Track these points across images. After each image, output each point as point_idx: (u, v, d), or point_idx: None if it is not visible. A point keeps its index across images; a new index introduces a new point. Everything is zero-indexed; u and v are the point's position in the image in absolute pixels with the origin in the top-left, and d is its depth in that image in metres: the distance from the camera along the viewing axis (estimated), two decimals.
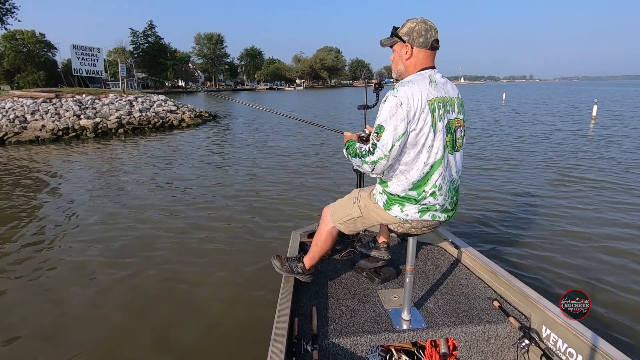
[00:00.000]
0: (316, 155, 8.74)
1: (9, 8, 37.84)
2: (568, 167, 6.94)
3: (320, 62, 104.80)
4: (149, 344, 2.42)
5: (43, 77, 46.59)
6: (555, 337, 1.56)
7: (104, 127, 13.08)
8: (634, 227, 4.08)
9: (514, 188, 5.73)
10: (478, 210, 4.75)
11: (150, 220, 4.61)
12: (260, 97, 49.17)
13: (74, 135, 12.24)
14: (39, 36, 49.66)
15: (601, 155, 7.83)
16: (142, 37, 68.38)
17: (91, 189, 6.15)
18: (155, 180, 6.70)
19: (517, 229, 4.12)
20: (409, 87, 1.35)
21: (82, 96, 15.58)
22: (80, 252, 3.78)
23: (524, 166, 7.16)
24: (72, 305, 2.88)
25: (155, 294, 3.00)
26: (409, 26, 1.42)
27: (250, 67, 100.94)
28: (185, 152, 9.51)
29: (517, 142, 9.83)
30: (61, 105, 13.89)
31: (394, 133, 1.35)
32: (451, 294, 1.95)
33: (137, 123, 14.11)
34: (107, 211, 4.97)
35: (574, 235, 3.92)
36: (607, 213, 4.53)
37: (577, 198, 5.12)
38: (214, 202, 5.32)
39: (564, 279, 3.08)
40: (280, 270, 1.95)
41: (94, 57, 27.72)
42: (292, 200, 5.38)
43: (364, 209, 1.64)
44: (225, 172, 7.38)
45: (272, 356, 1.36)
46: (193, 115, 16.90)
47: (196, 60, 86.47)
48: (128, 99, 16.48)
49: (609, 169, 6.70)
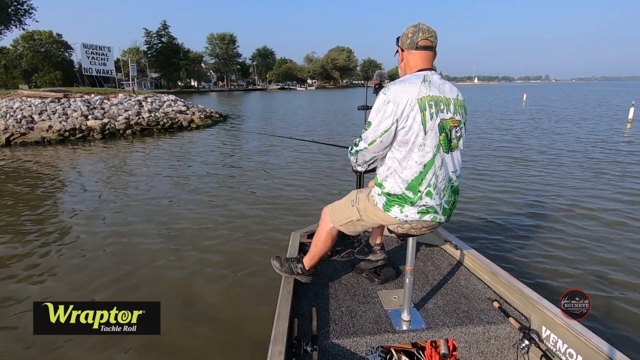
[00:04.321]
0: (323, 160, 8.32)
1: (27, 9, 38.30)
2: (585, 169, 6.64)
3: (332, 62, 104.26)
4: (149, 343, 2.41)
5: (60, 76, 47.27)
6: (555, 338, 1.55)
7: (111, 128, 12.79)
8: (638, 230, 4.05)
9: (514, 189, 5.75)
10: (478, 211, 4.75)
11: (146, 222, 4.57)
12: (271, 97, 49.12)
13: (80, 137, 11.97)
14: (56, 36, 50.39)
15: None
16: (155, 37, 68.83)
17: (98, 191, 6.08)
18: (155, 182, 6.54)
19: (518, 230, 4.13)
20: (399, 85, 1.39)
21: (90, 96, 15.34)
22: (91, 255, 3.73)
23: (526, 167, 7.10)
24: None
25: (155, 293, 3.00)
26: (403, 31, 1.49)
27: (262, 67, 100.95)
28: (192, 155, 9.17)
29: (522, 142, 9.26)
30: (69, 105, 13.65)
31: (377, 128, 1.41)
32: (451, 294, 1.95)
33: (145, 124, 13.79)
34: (111, 217, 4.79)
35: (575, 236, 3.93)
36: (609, 213, 4.53)
37: (580, 200, 5.09)
38: (213, 202, 5.31)
39: (565, 280, 3.09)
40: (280, 271, 1.94)
41: (104, 56, 27.61)
42: (293, 200, 5.39)
43: (363, 211, 1.64)
44: (229, 172, 7.40)
45: (272, 357, 1.34)
46: (203, 116, 16.55)
47: (208, 60, 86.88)
48: (137, 99, 16.20)
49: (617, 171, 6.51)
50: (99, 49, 27.07)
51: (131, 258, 3.64)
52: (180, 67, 69.50)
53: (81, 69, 28.89)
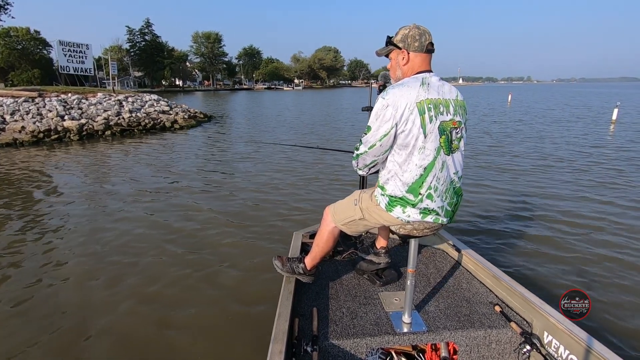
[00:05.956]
0: (319, 160, 8.13)
1: (2, 4, 36.76)
2: (578, 170, 6.88)
3: (319, 62, 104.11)
4: (148, 342, 2.42)
5: (38, 75, 45.47)
6: (557, 344, 1.54)
7: (89, 129, 12.25)
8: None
9: (518, 192, 5.66)
10: (481, 213, 4.70)
11: (142, 225, 4.45)
12: (258, 97, 48.59)
13: (56, 138, 11.40)
14: (34, 33, 48.54)
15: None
16: (138, 35, 67.29)
17: (77, 195, 5.73)
18: (141, 186, 6.19)
19: (520, 234, 4.07)
20: (398, 89, 1.39)
21: (67, 95, 14.70)
22: (79, 261, 3.55)
23: (529, 168, 7.08)
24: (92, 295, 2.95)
25: (155, 297, 2.96)
26: (403, 33, 1.46)
27: (249, 67, 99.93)
28: (177, 156, 8.81)
29: (524, 144, 9.36)
30: (44, 105, 13.02)
31: (376, 132, 1.42)
32: (452, 297, 1.93)
33: (126, 124, 13.29)
34: (92, 224, 4.50)
35: (578, 241, 3.86)
36: (614, 219, 4.43)
37: (584, 203, 5.05)
38: (213, 203, 5.25)
39: (567, 285, 3.06)
40: (282, 270, 1.94)
41: (82, 54, 26.69)
42: (294, 201, 5.32)
43: (366, 210, 1.64)
44: (223, 169, 7.30)
45: (272, 356, 1.34)
46: (187, 116, 16.08)
47: (194, 59, 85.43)
48: (118, 98, 15.63)
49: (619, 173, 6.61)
50: (76, 47, 26.09)
51: (110, 255, 3.54)
52: (164, 65, 68.11)
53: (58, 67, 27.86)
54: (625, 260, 3.45)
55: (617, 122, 14.40)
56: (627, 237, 3.94)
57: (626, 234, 4.01)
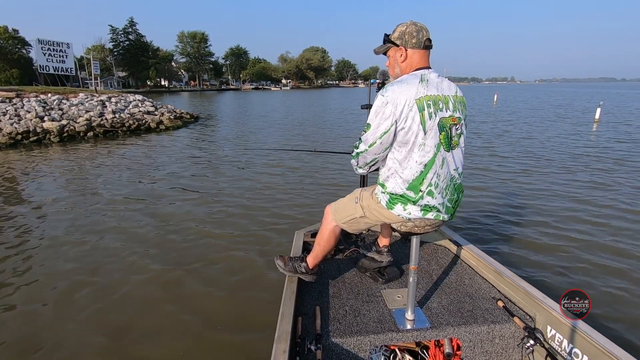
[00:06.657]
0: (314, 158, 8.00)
1: None
2: (574, 169, 6.92)
3: (307, 62, 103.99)
4: (148, 343, 2.41)
5: (17, 75, 43.95)
6: (560, 338, 1.54)
7: (71, 130, 11.86)
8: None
9: (519, 188, 5.70)
10: (482, 209, 4.71)
11: (136, 227, 4.36)
12: (245, 97, 48.18)
13: (35, 140, 10.99)
14: (12, 32, 46.93)
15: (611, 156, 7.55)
16: (122, 34, 65.94)
17: (49, 204, 5.37)
18: (129, 190, 5.98)
19: (522, 229, 4.09)
20: (397, 86, 1.38)
21: (47, 96, 14.22)
22: (67, 271, 3.37)
23: (530, 168, 7.11)
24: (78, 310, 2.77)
25: (156, 295, 2.95)
26: (400, 30, 1.45)
27: (236, 67, 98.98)
28: (161, 159, 8.56)
29: (521, 143, 9.49)
30: (22, 105, 12.55)
31: (376, 130, 1.41)
32: (455, 293, 1.93)
33: (109, 126, 12.92)
34: (59, 237, 4.15)
35: (580, 236, 3.87)
36: (615, 216, 4.47)
37: (584, 200, 5.07)
38: (213, 203, 5.25)
39: (570, 279, 3.05)
40: (284, 270, 1.93)
41: (62, 53, 25.93)
42: (294, 201, 5.31)
43: (367, 208, 1.63)
44: (217, 170, 7.32)
45: (276, 355, 1.34)
46: (173, 117, 15.75)
47: (179, 59, 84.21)
48: (100, 99, 15.19)
49: (614, 170, 6.73)
50: (56, 45, 25.30)
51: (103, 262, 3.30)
52: (149, 65, 66.97)
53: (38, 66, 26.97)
54: (631, 254, 3.48)
55: (600, 121, 14.72)
56: (626, 230, 3.99)
57: (633, 228, 4.07)
